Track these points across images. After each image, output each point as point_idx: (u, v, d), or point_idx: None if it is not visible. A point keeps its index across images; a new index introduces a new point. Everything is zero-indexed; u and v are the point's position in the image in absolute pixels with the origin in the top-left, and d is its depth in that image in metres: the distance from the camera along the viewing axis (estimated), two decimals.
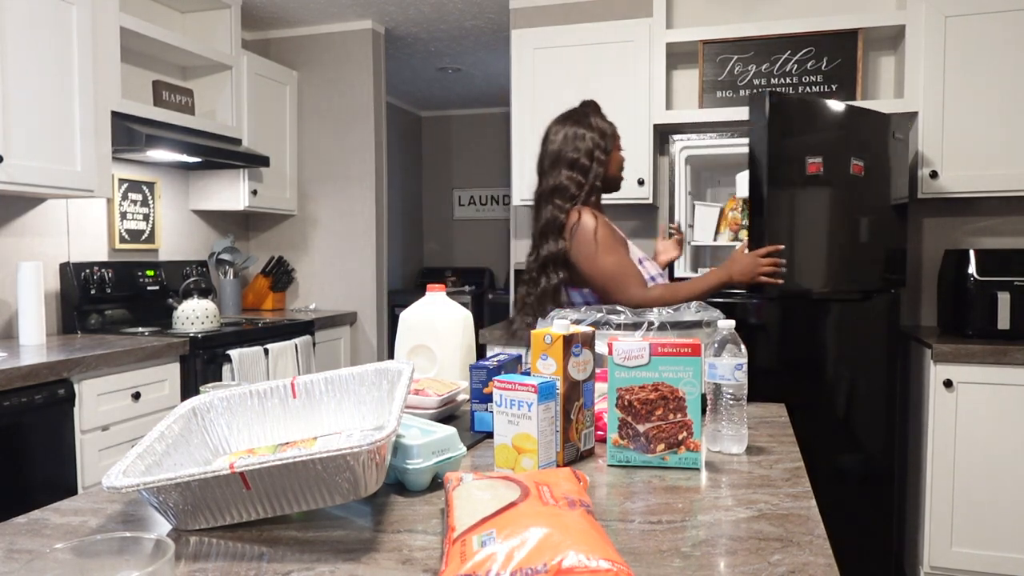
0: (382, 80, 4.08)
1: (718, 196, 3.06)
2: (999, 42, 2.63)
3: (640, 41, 3.01)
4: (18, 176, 2.36)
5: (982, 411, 2.47)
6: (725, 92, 3.01)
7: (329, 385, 1.15)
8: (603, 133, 1.96)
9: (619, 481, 1.05)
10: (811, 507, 0.94)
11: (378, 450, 0.84)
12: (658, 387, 1.09)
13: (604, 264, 1.86)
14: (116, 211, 3.20)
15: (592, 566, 0.66)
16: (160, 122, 3.04)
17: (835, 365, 2.45)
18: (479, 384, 1.33)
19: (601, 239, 1.87)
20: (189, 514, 0.86)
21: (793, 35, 2.90)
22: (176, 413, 1.05)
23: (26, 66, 2.39)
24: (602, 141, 1.95)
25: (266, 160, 3.53)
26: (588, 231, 1.87)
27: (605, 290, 1.88)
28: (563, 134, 1.96)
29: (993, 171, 2.66)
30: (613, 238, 1.90)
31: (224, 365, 2.87)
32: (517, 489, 0.79)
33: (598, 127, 1.96)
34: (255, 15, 3.81)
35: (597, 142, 1.95)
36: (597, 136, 1.95)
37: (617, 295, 1.85)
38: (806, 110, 2.30)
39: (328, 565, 0.77)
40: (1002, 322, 2.55)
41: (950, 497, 2.51)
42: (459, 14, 3.82)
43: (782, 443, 1.25)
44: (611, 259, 1.86)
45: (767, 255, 1.96)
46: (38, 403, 2.14)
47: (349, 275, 4.04)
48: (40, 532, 0.88)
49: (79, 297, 2.90)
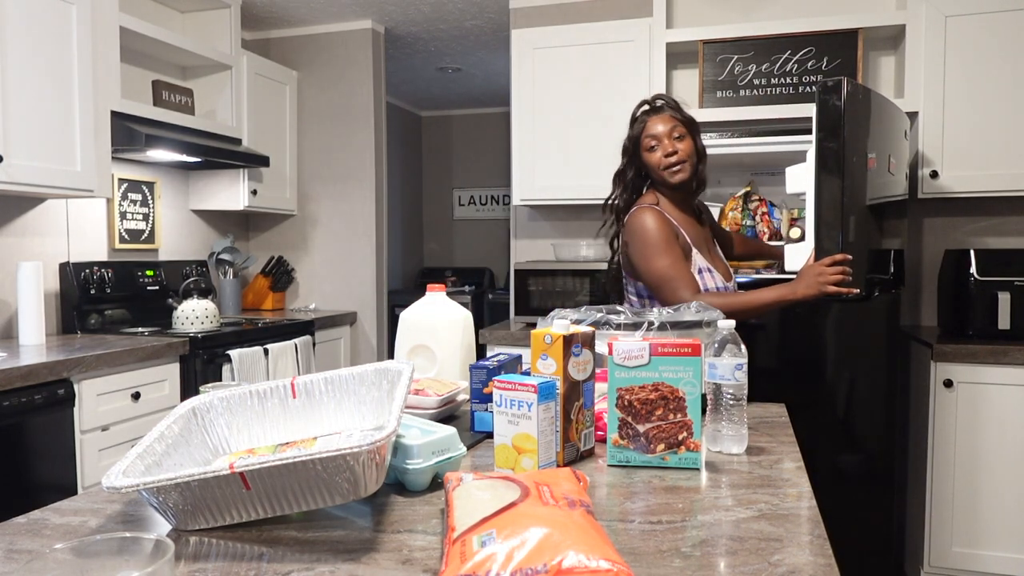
0: (382, 80, 4.08)
1: (718, 196, 3.06)
2: (999, 42, 2.63)
3: (640, 41, 3.01)
4: (18, 176, 2.36)
5: (982, 411, 2.47)
6: (725, 92, 3.01)
7: (329, 385, 1.15)
8: (632, 131, 1.99)
9: (619, 481, 1.05)
10: (811, 507, 0.94)
11: (378, 450, 0.84)
12: (658, 387, 1.09)
13: (655, 266, 1.86)
14: (116, 211, 3.20)
15: (592, 566, 0.66)
16: (160, 122, 3.04)
17: (835, 365, 2.45)
18: (479, 384, 1.33)
19: (654, 239, 1.86)
20: (189, 514, 0.86)
21: (793, 35, 2.90)
22: (176, 413, 1.05)
23: (26, 66, 2.39)
24: (628, 140, 1.99)
25: (266, 160, 3.53)
26: (642, 229, 1.88)
27: (656, 289, 1.88)
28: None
29: (993, 171, 2.66)
30: (669, 241, 1.87)
31: (224, 365, 2.87)
32: (517, 489, 0.79)
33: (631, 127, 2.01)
34: (255, 15, 3.81)
35: (628, 135, 1.99)
36: (631, 130, 1.99)
37: (668, 297, 1.84)
38: (868, 101, 2.23)
39: (328, 565, 0.77)
40: (1002, 322, 2.55)
41: (950, 497, 2.51)
42: (459, 14, 3.82)
43: (782, 443, 1.25)
44: (662, 262, 1.84)
45: (833, 264, 1.86)
46: (38, 403, 2.14)
47: (349, 275, 4.04)
48: (40, 532, 0.88)
49: (79, 297, 2.89)
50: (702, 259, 1.94)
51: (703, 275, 1.91)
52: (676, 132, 1.91)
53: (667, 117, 1.93)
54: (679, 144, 1.91)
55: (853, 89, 2.13)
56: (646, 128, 1.93)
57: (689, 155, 1.92)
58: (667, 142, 1.90)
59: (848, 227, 2.12)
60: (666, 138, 1.91)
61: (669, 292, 1.84)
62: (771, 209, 2.85)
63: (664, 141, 1.91)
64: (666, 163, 1.91)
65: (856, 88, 2.16)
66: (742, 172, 2.99)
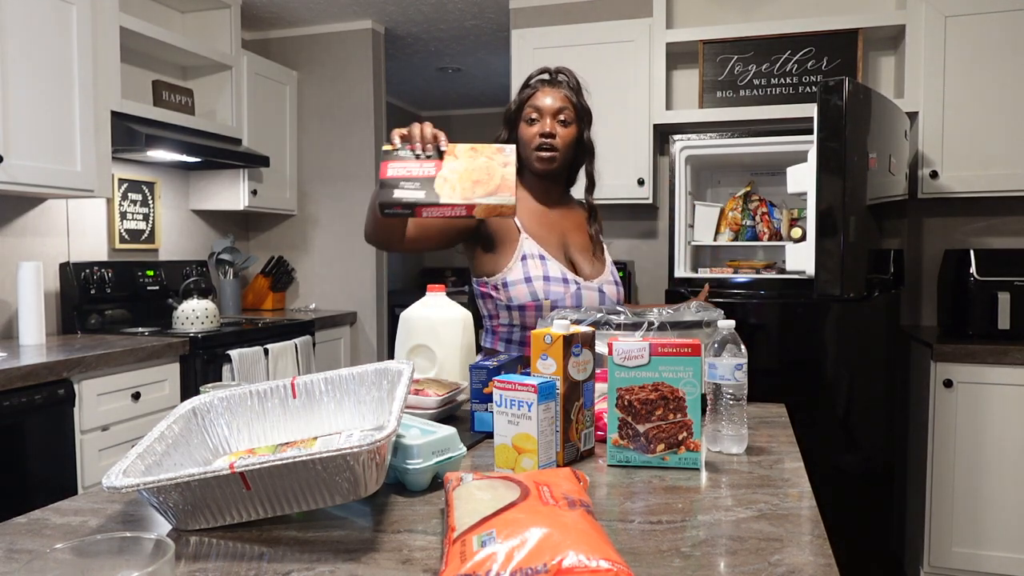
0: (382, 80, 4.08)
1: (718, 196, 3.07)
2: (999, 42, 2.63)
3: (640, 41, 3.01)
4: (18, 176, 2.36)
5: (982, 411, 2.47)
6: (725, 92, 3.01)
7: (329, 385, 1.15)
8: (519, 95, 1.75)
9: (619, 481, 1.05)
10: (811, 507, 0.94)
11: (378, 450, 0.84)
12: (658, 387, 1.09)
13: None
14: (116, 211, 3.20)
15: (592, 566, 0.66)
16: (160, 122, 3.04)
17: (835, 365, 2.45)
18: (479, 384, 1.33)
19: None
20: (189, 514, 0.86)
21: (793, 35, 2.90)
22: (176, 413, 1.05)
23: (26, 66, 2.39)
24: (512, 104, 1.75)
25: (266, 160, 3.53)
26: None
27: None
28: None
29: (993, 171, 2.66)
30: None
31: (224, 365, 2.87)
32: (517, 489, 0.79)
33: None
34: (255, 15, 3.81)
35: (514, 99, 1.75)
36: (519, 94, 1.75)
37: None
38: (868, 101, 2.22)
39: (328, 565, 0.77)
40: (1002, 322, 2.55)
41: (950, 497, 2.51)
42: (459, 14, 3.82)
43: (782, 443, 1.25)
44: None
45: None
46: (38, 403, 2.14)
47: (349, 275, 4.04)
48: (40, 532, 0.88)
49: (79, 297, 2.89)
50: (533, 245, 1.69)
51: (527, 261, 1.66)
52: (564, 115, 1.69)
53: (561, 96, 1.69)
54: (561, 129, 1.69)
55: (855, 89, 2.13)
56: (534, 97, 1.70)
57: (567, 145, 1.70)
58: (549, 120, 1.68)
59: (849, 227, 2.13)
60: (550, 116, 1.68)
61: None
62: (771, 209, 2.85)
63: (547, 119, 1.68)
64: (538, 142, 1.68)
65: (857, 88, 2.17)
66: (742, 172, 2.99)
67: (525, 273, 1.65)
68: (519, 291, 1.65)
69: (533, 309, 1.65)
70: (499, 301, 1.68)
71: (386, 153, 1.38)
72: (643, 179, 3.00)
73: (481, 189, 1.32)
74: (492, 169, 1.35)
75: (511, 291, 1.66)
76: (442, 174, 1.34)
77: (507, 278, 1.66)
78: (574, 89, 1.73)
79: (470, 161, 1.36)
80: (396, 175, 1.33)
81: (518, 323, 1.68)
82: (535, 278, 1.65)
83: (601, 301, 1.71)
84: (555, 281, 1.66)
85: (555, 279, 1.66)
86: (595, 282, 1.72)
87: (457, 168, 1.34)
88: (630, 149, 3.01)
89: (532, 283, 1.65)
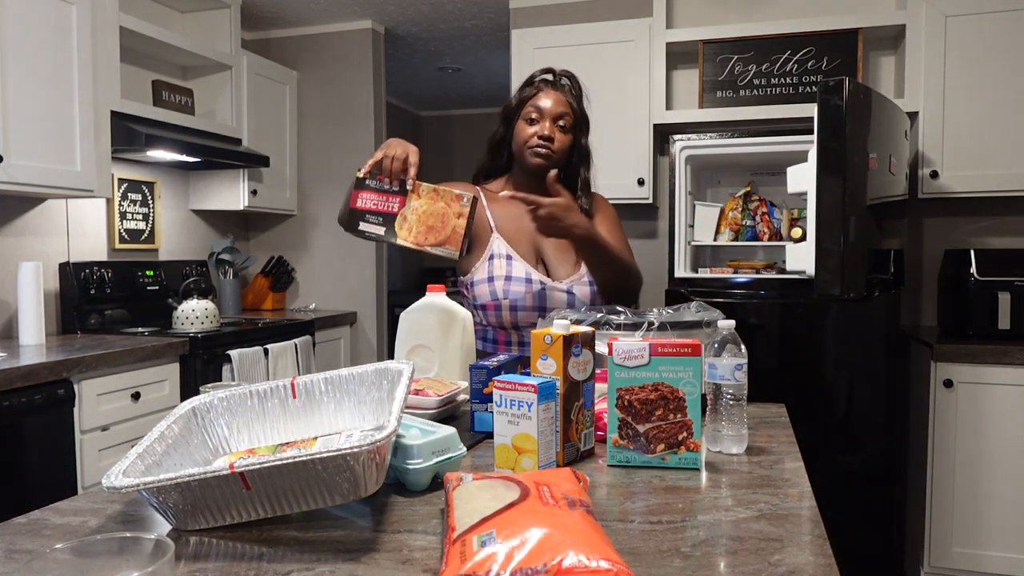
0: (382, 80, 4.08)
1: (718, 196, 3.06)
2: (999, 42, 2.63)
3: (640, 41, 3.01)
4: (18, 176, 2.36)
5: (982, 411, 2.47)
6: (725, 92, 3.01)
7: (329, 385, 1.15)
8: (520, 93, 1.75)
9: (619, 481, 1.05)
10: (811, 507, 0.94)
11: (378, 450, 0.83)
12: (658, 387, 1.09)
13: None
14: (116, 211, 3.20)
15: (592, 566, 0.65)
16: (160, 122, 3.04)
17: (835, 365, 2.45)
18: (479, 384, 1.33)
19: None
20: (189, 514, 0.86)
21: (793, 35, 2.90)
22: (176, 413, 1.05)
23: (26, 66, 2.39)
24: (512, 101, 1.75)
25: (266, 160, 3.53)
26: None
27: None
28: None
29: (993, 171, 2.66)
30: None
31: (224, 365, 2.87)
32: (517, 489, 0.79)
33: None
34: (255, 15, 3.81)
35: (515, 95, 1.75)
36: (520, 92, 1.74)
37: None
38: (869, 101, 2.21)
39: (328, 565, 0.77)
40: (1003, 322, 2.55)
41: (950, 497, 2.51)
42: (459, 14, 3.82)
43: (782, 443, 1.25)
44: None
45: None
46: (38, 403, 2.14)
47: (349, 275, 4.04)
48: (40, 532, 0.88)
49: (79, 297, 2.89)
50: (503, 245, 1.70)
51: (493, 261, 1.69)
52: (564, 121, 1.69)
53: (563, 100, 1.69)
54: (559, 134, 1.69)
55: (855, 89, 2.13)
56: (536, 97, 1.69)
57: (563, 151, 1.70)
58: (549, 124, 1.67)
59: (849, 227, 2.13)
60: (550, 119, 1.67)
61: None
62: (771, 209, 2.85)
63: (547, 121, 1.67)
64: (535, 143, 1.67)
65: (857, 88, 2.17)
66: (742, 172, 2.99)
67: (489, 272, 1.69)
68: (481, 290, 1.70)
69: (493, 309, 1.69)
70: (468, 300, 1.74)
71: (358, 181, 1.54)
72: (643, 179, 3.00)
73: (433, 237, 1.48)
74: (447, 218, 1.48)
75: (475, 290, 1.71)
76: (404, 211, 1.51)
77: (474, 277, 1.71)
78: (576, 95, 1.73)
79: (430, 204, 1.49)
80: (364, 207, 1.54)
81: (486, 322, 1.73)
82: (497, 278, 1.68)
83: (570, 303, 1.70)
84: (517, 281, 1.67)
85: (517, 279, 1.67)
86: (565, 283, 1.71)
87: (417, 209, 1.50)
88: (630, 149, 3.01)
89: (494, 282, 1.68)
